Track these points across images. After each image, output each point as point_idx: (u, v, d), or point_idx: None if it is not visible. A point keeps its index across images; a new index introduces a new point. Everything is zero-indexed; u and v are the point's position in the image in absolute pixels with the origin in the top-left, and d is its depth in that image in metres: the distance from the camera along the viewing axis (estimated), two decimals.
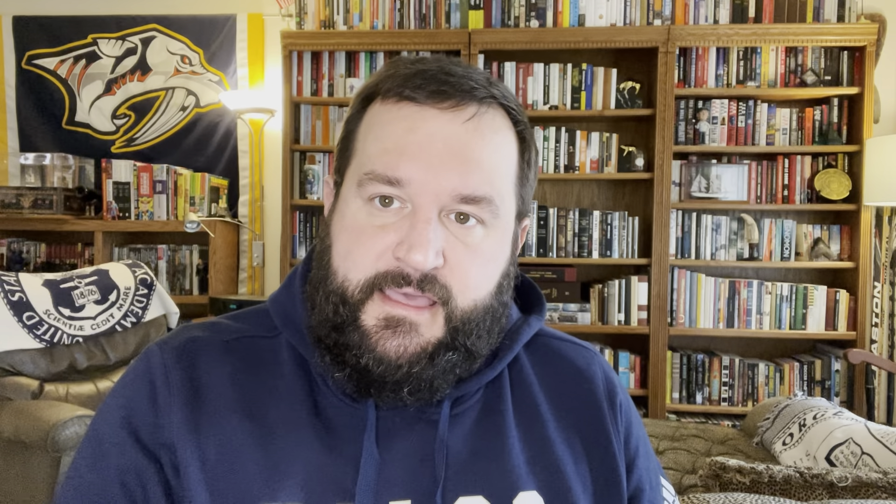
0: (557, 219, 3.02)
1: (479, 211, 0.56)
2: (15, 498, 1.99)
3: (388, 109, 0.58)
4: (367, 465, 0.56)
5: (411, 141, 0.55)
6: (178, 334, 0.63)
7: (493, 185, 0.57)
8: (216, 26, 3.40)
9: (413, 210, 0.55)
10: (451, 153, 0.55)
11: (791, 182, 2.97)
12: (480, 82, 0.58)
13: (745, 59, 2.95)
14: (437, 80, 0.56)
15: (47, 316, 2.32)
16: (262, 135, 3.36)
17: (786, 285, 2.94)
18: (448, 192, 0.55)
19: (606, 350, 3.04)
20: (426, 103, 0.56)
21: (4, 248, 3.40)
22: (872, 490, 1.19)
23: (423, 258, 0.53)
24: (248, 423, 0.57)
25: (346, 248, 0.57)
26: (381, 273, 0.55)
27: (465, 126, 0.56)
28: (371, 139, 0.58)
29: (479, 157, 0.56)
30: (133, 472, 0.56)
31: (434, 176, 0.54)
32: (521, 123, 0.61)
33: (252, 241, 3.38)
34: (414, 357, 0.55)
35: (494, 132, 0.58)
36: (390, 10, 3.05)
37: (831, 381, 2.92)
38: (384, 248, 0.55)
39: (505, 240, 0.60)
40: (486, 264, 0.58)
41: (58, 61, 3.50)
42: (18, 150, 3.49)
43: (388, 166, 0.55)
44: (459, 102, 0.56)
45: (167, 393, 0.58)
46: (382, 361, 0.55)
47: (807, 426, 1.84)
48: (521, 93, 3.01)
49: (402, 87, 0.57)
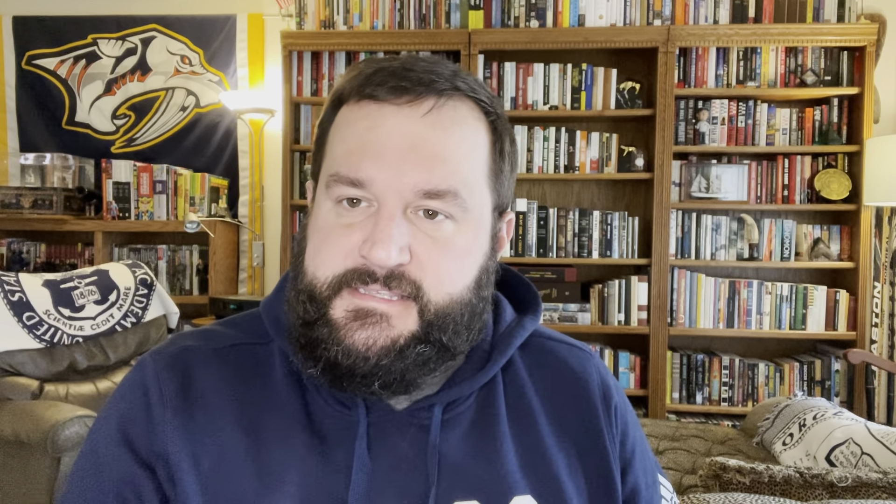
0: (557, 219, 3.01)
1: (445, 205, 0.55)
2: (15, 498, 1.99)
3: (351, 110, 0.58)
4: (359, 473, 0.56)
5: (371, 140, 0.55)
6: (171, 344, 0.63)
7: (457, 178, 0.56)
8: (216, 26, 3.40)
9: (378, 208, 0.55)
10: (410, 149, 0.54)
11: (791, 182, 2.97)
12: (443, 75, 0.57)
13: (745, 59, 2.95)
14: (396, 75, 0.56)
15: (47, 316, 2.32)
16: (262, 135, 3.36)
17: (786, 285, 2.94)
18: (410, 189, 0.54)
19: (606, 350, 3.04)
20: (385, 100, 0.56)
21: (4, 248, 3.40)
22: (872, 490, 1.19)
23: (386, 254, 0.53)
24: (242, 432, 0.57)
25: (315, 247, 0.57)
26: (349, 270, 0.55)
27: (424, 120, 0.55)
28: (337, 141, 0.58)
29: (440, 150, 0.55)
30: (130, 484, 0.56)
31: (395, 173, 0.54)
32: (492, 114, 0.60)
33: (252, 242, 3.38)
34: (383, 350, 0.55)
35: (457, 124, 0.57)
36: (390, 11, 3.05)
37: (831, 382, 2.92)
38: (351, 246, 0.55)
39: (479, 234, 0.59)
40: (460, 258, 0.57)
41: (58, 61, 3.50)
42: (18, 150, 3.49)
43: (351, 167, 0.55)
44: (417, 96, 0.56)
45: (161, 403, 0.58)
46: (351, 353, 0.55)
47: (807, 426, 1.84)
48: (521, 93, 3.01)
49: (363, 87, 0.57)
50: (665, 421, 2.57)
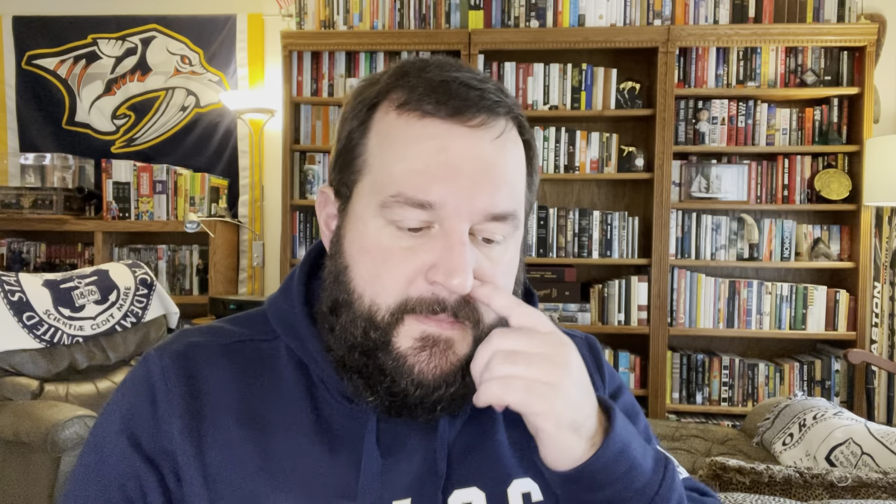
0: (557, 219, 3.02)
1: (504, 227, 0.56)
2: (15, 498, 1.99)
3: (409, 125, 0.55)
4: (369, 466, 0.56)
5: (442, 161, 0.53)
6: (177, 339, 0.62)
7: (515, 200, 0.57)
8: (216, 26, 3.40)
9: (444, 231, 0.53)
10: (482, 173, 0.54)
11: (791, 182, 2.97)
12: (498, 94, 0.57)
13: (745, 59, 2.95)
14: (460, 94, 0.55)
15: (47, 316, 2.32)
16: (262, 135, 3.36)
17: (786, 285, 2.94)
18: (480, 213, 0.54)
19: (607, 350, 3.04)
20: (452, 120, 0.54)
21: (4, 248, 3.40)
22: (872, 490, 1.19)
23: (463, 282, 0.52)
24: (249, 428, 0.57)
25: (370, 271, 0.55)
26: (414, 299, 0.54)
27: (494, 144, 0.55)
28: (392, 157, 0.55)
29: (505, 174, 0.56)
30: (134, 479, 0.56)
31: (468, 198, 0.53)
32: (526, 132, 0.61)
33: (252, 242, 3.38)
34: (450, 377, 0.55)
35: (514, 146, 0.58)
36: (390, 10, 3.05)
37: (831, 381, 2.92)
38: (415, 271, 0.54)
39: (518, 248, 0.60)
40: (507, 277, 0.59)
41: (58, 61, 3.50)
42: (18, 150, 3.49)
43: (419, 189, 0.53)
44: (487, 120, 0.55)
45: (167, 399, 0.58)
46: (422, 384, 0.54)
47: (807, 426, 1.84)
48: (521, 93, 3.01)
49: (422, 101, 0.55)
50: (665, 421, 2.57)
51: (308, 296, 0.64)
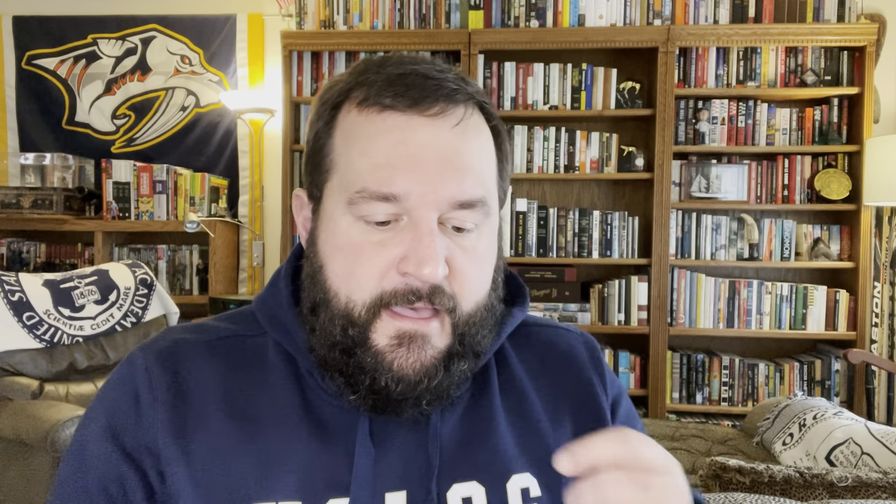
0: (557, 219, 3.01)
1: (475, 214, 0.56)
2: (15, 498, 1.99)
3: (370, 120, 0.55)
4: (362, 458, 0.56)
5: (403, 153, 0.54)
6: (162, 337, 0.62)
7: (484, 186, 0.56)
8: (216, 26, 3.40)
9: (412, 222, 0.54)
10: (444, 161, 0.54)
11: (791, 182, 2.97)
12: (457, 82, 0.57)
13: (745, 59, 2.95)
14: (417, 85, 0.55)
15: (47, 316, 2.32)
16: (262, 135, 3.36)
17: (786, 285, 2.94)
18: (446, 201, 0.54)
19: (606, 350, 3.04)
20: (411, 111, 0.55)
21: (4, 248, 3.40)
22: (872, 490, 1.19)
23: (434, 270, 0.52)
24: (238, 423, 0.57)
25: (344, 268, 0.55)
26: (389, 291, 0.54)
27: (454, 131, 0.55)
28: (357, 154, 0.55)
29: (469, 161, 0.55)
30: (116, 480, 0.56)
31: (432, 187, 0.53)
32: (493, 118, 0.60)
33: (252, 241, 3.38)
34: (431, 370, 0.55)
35: (478, 133, 0.58)
36: (390, 10, 3.05)
37: (831, 381, 2.92)
38: (387, 264, 0.54)
39: (494, 236, 0.60)
40: (483, 265, 0.58)
41: (58, 61, 3.50)
42: (18, 150, 3.49)
43: (383, 182, 0.53)
44: (445, 108, 0.55)
45: (151, 397, 0.57)
46: (402, 380, 0.55)
47: (807, 426, 1.84)
48: (521, 93, 3.01)
49: (381, 96, 0.55)
50: (665, 421, 2.57)
51: (295, 293, 0.64)
